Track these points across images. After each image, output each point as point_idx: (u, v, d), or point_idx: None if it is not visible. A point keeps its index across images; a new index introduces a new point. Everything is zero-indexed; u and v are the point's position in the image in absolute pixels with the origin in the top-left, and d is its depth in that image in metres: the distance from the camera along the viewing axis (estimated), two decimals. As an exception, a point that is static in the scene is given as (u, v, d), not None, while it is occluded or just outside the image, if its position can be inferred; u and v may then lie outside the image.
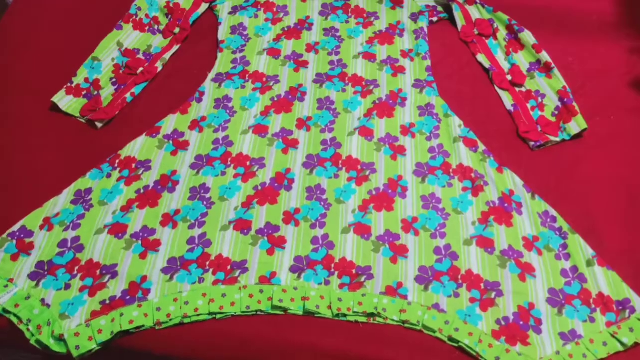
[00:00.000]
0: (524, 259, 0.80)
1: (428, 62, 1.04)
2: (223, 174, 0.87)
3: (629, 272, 0.79)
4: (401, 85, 1.01)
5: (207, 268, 0.77)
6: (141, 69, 1.01)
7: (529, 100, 0.99)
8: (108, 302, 0.73)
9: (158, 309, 0.73)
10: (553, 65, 1.01)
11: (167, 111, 0.95)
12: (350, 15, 1.12)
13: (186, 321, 0.73)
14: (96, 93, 0.96)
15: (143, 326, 0.72)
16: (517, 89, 1.01)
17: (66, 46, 1.04)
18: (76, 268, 0.76)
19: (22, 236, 0.79)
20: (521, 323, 0.74)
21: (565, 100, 0.96)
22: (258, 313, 0.74)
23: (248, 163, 0.89)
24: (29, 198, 0.82)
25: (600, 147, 0.93)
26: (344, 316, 0.74)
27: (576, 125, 0.93)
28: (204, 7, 1.13)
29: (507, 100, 1.00)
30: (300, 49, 1.06)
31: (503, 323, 0.74)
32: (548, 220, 0.83)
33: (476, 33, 1.10)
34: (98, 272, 0.76)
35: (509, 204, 0.85)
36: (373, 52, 1.06)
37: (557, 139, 0.93)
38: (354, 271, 0.78)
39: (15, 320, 0.71)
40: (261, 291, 0.75)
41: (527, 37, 1.06)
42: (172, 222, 0.81)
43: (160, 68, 1.03)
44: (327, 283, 0.77)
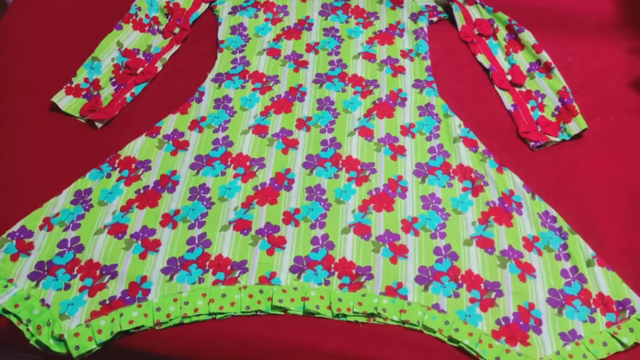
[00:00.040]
0: (524, 259, 0.80)
1: (428, 62, 1.04)
2: (223, 174, 0.87)
3: (629, 272, 0.79)
4: (401, 85, 1.01)
5: (207, 268, 0.77)
6: (141, 69, 1.00)
7: (529, 100, 0.99)
8: (108, 303, 0.73)
9: (158, 309, 0.73)
10: (553, 65, 1.01)
11: (167, 111, 0.95)
12: (350, 15, 1.12)
13: (186, 321, 0.73)
14: (96, 93, 0.96)
15: (143, 326, 0.71)
16: (517, 89, 1.01)
17: (66, 46, 1.04)
18: (76, 268, 0.76)
19: (22, 236, 0.79)
20: (521, 323, 0.74)
21: (565, 100, 0.96)
22: (258, 313, 0.74)
23: (248, 163, 0.88)
24: (29, 198, 0.82)
25: (600, 147, 0.93)
26: (344, 316, 0.74)
27: (576, 125, 0.93)
28: (204, 7, 1.13)
29: (507, 100, 1.00)
30: (300, 49, 1.06)
31: (503, 323, 0.74)
32: (548, 220, 0.83)
33: (476, 33, 1.10)
34: (98, 272, 0.76)
35: (509, 204, 0.85)
36: (373, 52, 1.06)
37: (557, 139, 0.93)
38: (354, 271, 0.78)
39: (15, 320, 0.71)
40: (261, 291, 0.75)
41: (527, 37, 1.05)
42: (172, 222, 0.81)
43: (160, 68, 1.03)
44: (327, 283, 0.77)
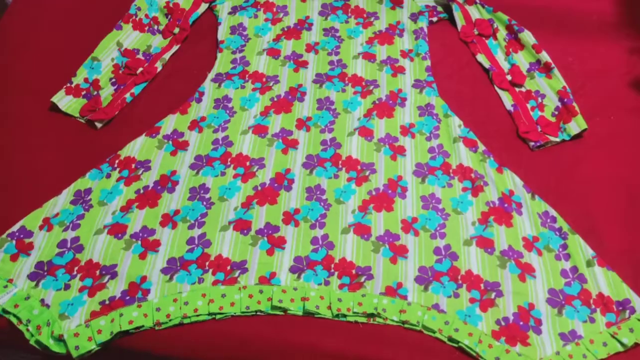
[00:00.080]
0: (524, 259, 0.80)
1: (428, 62, 1.04)
2: (223, 174, 0.87)
3: (629, 273, 0.79)
4: (401, 85, 1.01)
5: (207, 268, 0.77)
6: (141, 69, 1.00)
7: (529, 100, 0.99)
8: (107, 303, 0.73)
9: (158, 310, 0.73)
10: (553, 65, 1.01)
11: (167, 111, 0.94)
12: (350, 15, 1.12)
13: (186, 321, 0.73)
14: (96, 93, 0.96)
15: (142, 326, 0.71)
16: (517, 89, 1.01)
17: (66, 46, 1.04)
18: (76, 268, 0.76)
19: (22, 236, 0.79)
20: (521, 323, 0.74)
21: (565, 100, 0.96)
22: (258, 313, 0.74)
23: (248, 163, 0.88)
24: (29, 198, 0.82)
25: (600, 147, 0.93)
26: (344, 316, 0.74)
27: (576, 125, 0.93)
28: (204, 7, 1.13)
29: (507, 100, 1.00)
30: (300, 49, 1.06)
31: (503, 323, 0.74)
32: (548, 220, 0.83)
33: (476, 33, 1.10)
34: (97, 273, 0.76)
35: (509, 204, 0.85)
36: (373, 52, 1.06)
37: (557, 139, 0.93)
38: (354, 271, 0.78)
39: (14, 320, 0.71)
40: (261, 291, 0.75)
41: (527, 37, 1.05)
42: (172, 223, 0.81)
43: (159, 68, 1.02)
44: (327, 283, 0.77)
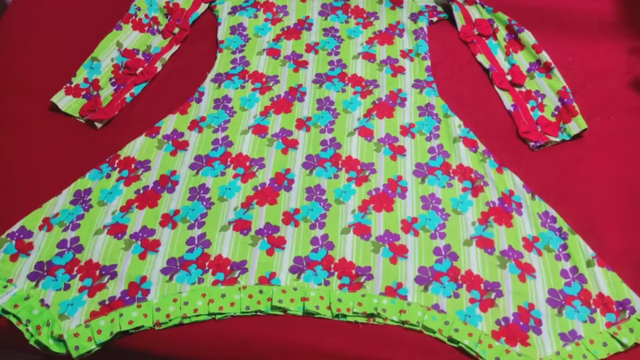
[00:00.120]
0: (524, 260, 0.80)
1: (428, 62, 1.04)
2: (222, 174, 0.87)
3: (629, 273, 0.79)
4: (401, 85, 1.01)
5: (207, 268, 0.77)
6: (140, 69, 1.00)
7: (529, 100, 0.99)
8: (107, 303, 0.73)
9: (157, 310, 0.72)
10: (553, 65, 1.01)
11: (167, 111, 0.94)
12: (349, 15, 1.12)
13: (185, 322, 0.73)
14: (95, 93, 0.96)
15: (142, 327, 0.71)
16: (517, 89, 1.01)
17: (65, 46, 1.04)
18: (75, 268, 0.76)
19: (22, 236, 0.79)
20: (521, 323, 0.74)
21: (565, 100, 0.96)
22: (257, 313, 0.74)
23: (247, 163, 0.88)
24: (28, 198, 0.82)
25: (600, 147, 0.93)
26: (344, 317, 0.74)
27: (576, 125, 0.93)
28: (204, 7, 1.12)
29: (507, 100, 1.00)
30: (299, 49, 1.06)
31: (503, 323, 0.74)
32: (548, 220, 0.83)
33: (476, 33, 1.10)
34: (97, 273, 0.76)
35: (509, 205, 0.85)
36: (373, 52, 1.06)
37: (557, 139, 0.93)
38: (354, 271, 0.78)
39: (14, 320, 0.71)
40: (261, 292, 0.75)
41: (527, 37, 1.05)
42: (172, 223, 0.81)
43: (159, 68, 1.02)
44: (327, 283, 0.77)
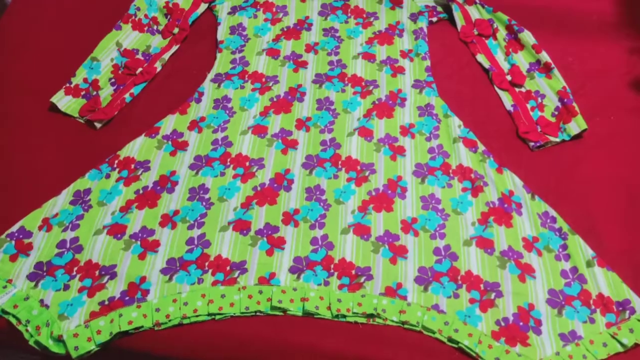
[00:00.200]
0: (524, 260, 0.80)
1: (427, 63, 1.03)
2: (222, 175, 0.87)
3: (629, 273, 0.79)
4: (401, 85, 1.01)
5: (206, 269, 0.77)
6: (140, 69, 1.00)
7: (529, 100, 0.99)
8: (107, 303, 0.73)
9: (157, 310, 0.72)
10: (553, 65, 1.01)
11: (166, 111, 0.94)
12: (349, 15, 1.12)
13: (185, 322, 0.72)
14: (95, 93, 0.96)
15: (142, 327, 0.71)
16: (517, 89, 1.01)
17: (65, 46, 1.04)
18: (75, 269, 0.76)
19: (21, 237, 0.78)
20: (521, 324, 0.74)
21: (565, 100, 0.96)
22: (257, 314, 0.74)
23: (247, 163, 0.88)
24: (28, 198, 0.82)
25: (600, 147, 0.93)
26: (344, 317, 0.74)
27: (576, 125, 0.93)
28: (203, 7, 1.12)
29: (507, 100, 1.00)
30: (299, 49, 1.05)
31: (503, 324, 0.74)
32: (548, 220, 0.83)
33: (476, 33, 1.10)
34: (97, 273, 0.76)
35: (509, 205, 0.84)
36: (372, 53, 1.05)
37: (557, 140, 0.93)
38: (354, 272, 0.77)
39: (14, 321, 0.71)
40: (260, 292, 0.75)
41: (527, 37, 1.05)
42: (171, 223, 0.81)
43: (159, 68, 1.02)
44: (327, 284, 0.77)
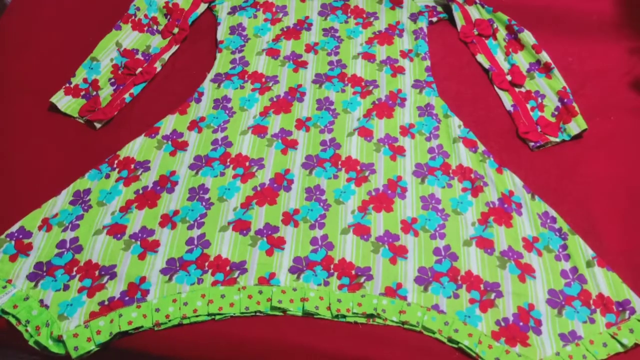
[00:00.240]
0: (524, 260, 0.80)
1: (427, 63, 1.03)
2: (222, 175, 0.87)
3: (629, 273, 0.78)
4: (400, 85, 1.01)
5: (206, 269, 0.77)
6: (140, 70, 1.00)
7: (529, 100, 0.99)
8: (107, 303, 0.73)
9: (157, 310, 0.72)
10: (553, 65, 1.01)
11: (166, 112, 0.94)
12: (349, 15, 1.12)
13: (185, 322, 0.72)
14: (95, 93, 0.96)
15: (142, 327, 0.71)
16: (517, 90, 1.01)
17: (65, 46, 1.04)
18: (75, 269, 0.76)
19: (21, 237, 0.78)
20: (521, 324, 0.74)
21: (565, 100, 0.96)
22: (257, 314, 0.74)
23: (247, 164, 0.88)
24: (28, 198, 0.82)
25: (600, 147, 0.93)
26: (343, 317, 0.74)
27: (576, 125, 0.93)
28: (203, 7, 1.12)
29: (507, 100, 1.00)
30: (299, 49, 1.05)
31: (503, 324, 0.74)
32: (548, 221, 0.83)
33: (476, 33, 1.10)
34: (97, 273, 0.76)
35: (509, 205, 0.84)
36: (372, 53, 1.05)
37: (557, 140, 0.93)
38: (354, 272, 0.77)
39: (13, 321, 0.71)
40: (260, 292, 0.75)
41: (527, 38, 1.05)
42: (171, 223, 0.81)
43: (159, 68, 1.02)
44: (327, 284, 0.77)
